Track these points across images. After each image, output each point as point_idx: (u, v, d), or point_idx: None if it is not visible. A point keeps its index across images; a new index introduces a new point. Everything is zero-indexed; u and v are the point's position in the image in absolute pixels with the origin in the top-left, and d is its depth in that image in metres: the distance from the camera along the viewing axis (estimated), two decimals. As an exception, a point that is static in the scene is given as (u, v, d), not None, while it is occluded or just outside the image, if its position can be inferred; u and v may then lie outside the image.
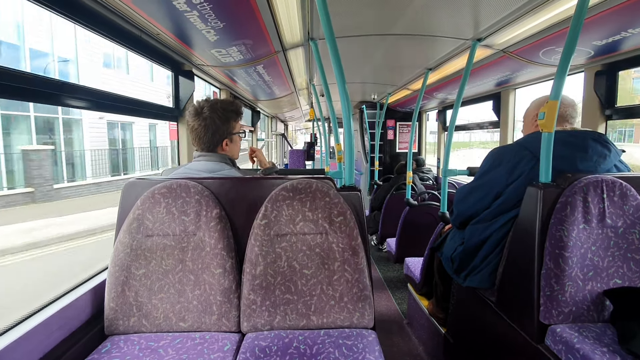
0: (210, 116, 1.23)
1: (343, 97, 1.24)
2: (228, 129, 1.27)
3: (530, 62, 1.95)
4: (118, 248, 1.08)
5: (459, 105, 2.03)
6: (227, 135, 1.27)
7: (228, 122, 1.26)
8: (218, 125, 1.24)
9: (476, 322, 1.47)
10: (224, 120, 1.25)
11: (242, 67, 2.06)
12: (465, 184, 1.52)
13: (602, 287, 1.11)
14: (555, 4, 1.31)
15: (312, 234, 1.12)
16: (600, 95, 1.86)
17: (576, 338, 1.00)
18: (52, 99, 1.08)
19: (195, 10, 1.20)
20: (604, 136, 1.26)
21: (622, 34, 1.43)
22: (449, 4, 1.43)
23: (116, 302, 1.06)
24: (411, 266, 2.23)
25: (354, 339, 1.03)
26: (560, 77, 1.12)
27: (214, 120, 1.23)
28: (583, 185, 1.11)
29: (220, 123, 1.24)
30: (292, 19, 1.54)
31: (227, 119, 1.26)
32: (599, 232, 1.12)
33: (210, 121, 1.23)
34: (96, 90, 1.27)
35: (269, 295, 1.09)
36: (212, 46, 1.61)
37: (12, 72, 0.88)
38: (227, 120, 1.26)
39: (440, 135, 4.32)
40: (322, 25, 1.17)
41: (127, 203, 1.14)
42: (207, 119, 1.23)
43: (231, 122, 1.27)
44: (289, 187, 1.13)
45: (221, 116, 1.24)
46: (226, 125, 1.26)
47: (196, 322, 1.08)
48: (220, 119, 1.24)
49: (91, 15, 1.17)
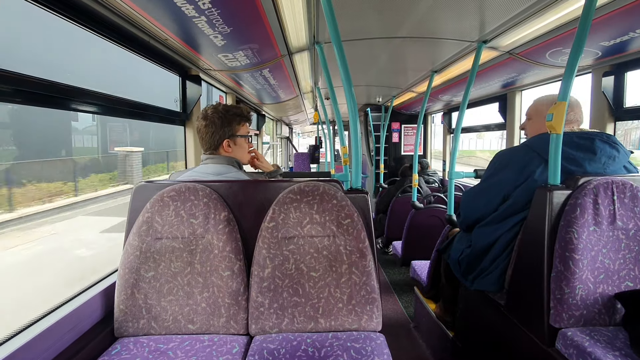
0: (211, 117, 1.27)
1: (349, 100, 1.24)
2: (230, 130, 1.30)
3: (536, 63, 1.94)
4: (128, 250, 1.09)
5: (465, 108, 2.03)
6: (228, 137, 1.30)
7: (230, 124, 1.29)
8: (218, 126, 1.27)
9: (484, 326, 1.45)
10: (224, 121, 1.28)
11: (248, 71, 2.08)
12: (473, 187, 1.51)
13: (613, 290, 1.10)
14: (561, 6, 1.30)
15: (320, 236, 1.12)
16: (608, 97, 1.84)
17: (587, 342, 0.99)
18: (59, 104, 1.09)
19: (203, 16, 1.21)
20: (612, 137, 1.25)
21: (630, 35, 1.42)
22: (454, 6, 1.43)
23: (126, 304, 1.07)
24: (418, 269, 2.22)
25: (362, 342, 1.03)
26: (568, 78, 1.11)
27: (214, 120, 1.27)
28: (593, 187, 1.10)
29: (220, 123, 1.27)
30: (298, 23, 1.55)
31: (228, 121, 1.29)
32: (609, 234, 1.11)
33: (211, 121, 1.27)
34: (103, 94, 1.28)
35: (277, 297, 1.10)
36: (219, 51, 1.63)
37: (16, 75, 0.89)
38: (229, 123, 1.29)
39: (446, 138, 4.30)
40: (329, 29, 1.18)
41: (137, 206, 1.15)
42: (207, 119, 1.27)
43: (233, 124, 1.30)
44: (297, 189, 1.14)
45: (222, 117, 1.28)
46: (228, 127, 1.29)
47: (205, 325, 1.08)
48: (221, 119, 1.27)
49: (100, 21, 1.19)
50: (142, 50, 1.51)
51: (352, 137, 1.29)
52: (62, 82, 1.06)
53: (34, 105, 1.02)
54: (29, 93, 0.94)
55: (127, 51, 1.48)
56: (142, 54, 1.54)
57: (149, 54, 1.58)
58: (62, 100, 1.08)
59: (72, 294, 1.07)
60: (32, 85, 0.94)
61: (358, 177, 1.27)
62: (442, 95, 3.34)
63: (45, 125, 9.98)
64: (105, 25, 1.23)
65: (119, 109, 1.42)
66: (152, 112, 1.70)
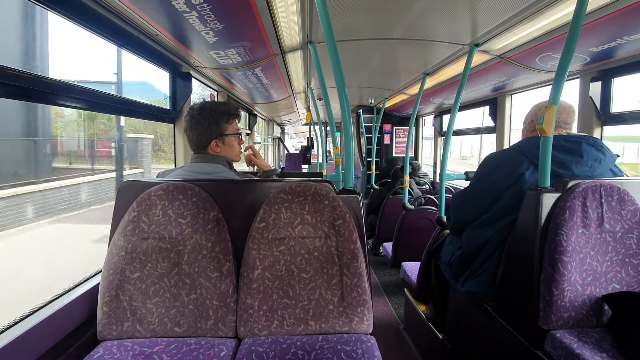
0: (197, 117, 1.23)
1: (343, 101, 1.23)
2: (217, 130, 1.25)
3: (527, 67, 1.97)
4: (112, 251, 1.06)
5: (457, 110, 2.04)
6: (217, 137, 1.26)
7: (217, 124, 1.25)
8: (204, 127, 1.23)
9: (474, 328, 1.46)
10: (212, 121, 1.23)
11: (240, 70, 2.06)
12: (463, 189, 1.52)
13: (600, 292, 1.11)
14: (552, 11, 1.32)
15: (311, 237, 1.10)
16: (596, 102, 1.88)
17: (576, 344, 1.00)
18: (47, 99, 1.06)
19: (194, 11, 1.19)
20: (598, 141, 1.27)
21: (617, 41, 1.45)
22: (447, 9, 1.44)
23: (109, 307, 1.03)
24: (408, 271, 2.22)
25: (352, 344, 1.01)
26: (558, 82, 1.12)
27: (200, 121, 1.23)
28: (582, 190, 1.12)
29: (207, 124, 1.23)
30: (291, 22, 1.54)
31: (215, 120, 1.24)
32: (597, 237, 1.13)
33: (197, 122, 1.23)
34: (92, 90, 1.25)
35: (267, 299, 1.08)
36: (210, 48, 1.60)
37: (4, 69, 0.86)
38: (217, 122, 1.24)
39: (437, 140, 4.34)
40: (323, 29, 1.17)
41: (123, 205, 1.11)
42: (193, 119, 1.23)
43: (221, 123, 1.26)
44: (288, 189, 1.12)
45: (209, 117, 1.23)
46: (215, 127, 1.24)
47: (192, 327, 1.05)
48: (207, 119, 1.23)
49: (88, 14, 1.15)
50: (131, 45, 1.47)
51: (345, 138, 1.28)
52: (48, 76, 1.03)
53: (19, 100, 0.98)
54: (14, 87, 0.90)
55: (116, 45, 1.44)
56: (132, 50, 1.51)
57: (138, 50, 1.54)
58: (48, 95, 1.05)
59: (52, 296, 1.03)
60: (17, 79, 0.91)
61: (350, 177, 1.26)
62: (433, 98, 3.37)
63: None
64: (94, 19, 1.19)
65: (107, 105, 1.38)
66: (141, 109, 1.66)
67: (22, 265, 4.72)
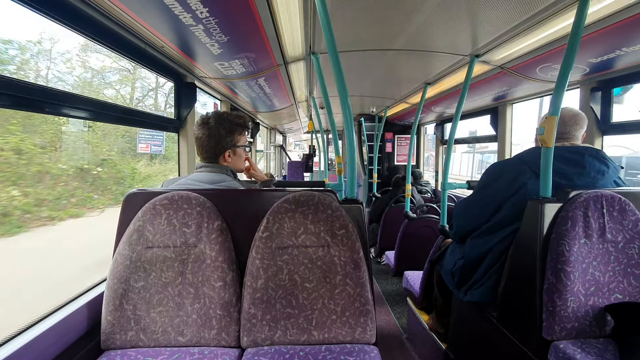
0: (215, 126, 1.25)
1: (345, 110, 1.25)
2: (232, 140, 1.28)
3: (527, 78, 1.99)
4: (117, 260, 1.06)
5: (458, 119, 2.06)
6: (230, 147, 1.28)
7: (232, 134, 1.27)
8: (222, 136, 1.25)
9: (477, 338, 1.45)
10: (228, 131, 1.26)
11: (243, 80, 2.09)
12: (465, 198, 1.52)
13: (603, 302, 1.11)
14: (551, 23, 1.34)
15: (314, 246, 1.11)
16: (596, 112, 1.89)
17: (579, 354, 0.99)
18: (51, 109, 1.08)
19: (200, 24, 1.22)
20: (601, 152, 1.28)
21: (616, 52, 1.47)
22: (448, 21, 1.47)
23: (113, 316, 1.04)
24: (410, 280, 2.21)
25: (355, 354, 1.01)
26: (558, 93, 1.14)
27: (219, 130, 1.25)
28: (583, 200, 1.12)
29: (225, 133, 1.25)
30: (294, 33, 1.57)
31: (231, 131, 1.27)
32: (599, 247, 1.13)
33: (215, 131, 1.25)
34: (97, 100, 1.27)
35: (270, 309, 1.08)
36: (215, 59, 1.63)
37: (6, 80, 0.88)
38: (232, 132, 1.27)
39: (438, 149, 4.35)
40: (325, 40, 1.19)
41: (128, 214, 1.13)
42: (211, 129, 1.25)
43: (235, 134, 1.29)
44: (291, 199, 1.13)
45: (226, 127, 1.26)
46: (230, 137, 1.27)
47: (195, 337, 1.06)
48: (225, 129, 1.25)
49: (96, 27, 1.19)
50: (137, 56, 1.50)
51: (347, 147, 1.29)
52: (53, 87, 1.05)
53: (24, 110, 1.00)
54: (19, 97, 0.92)
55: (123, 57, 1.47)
56: (137, 60, 1.54)
57: (144, 61, 1.57)
58: (52, 105, 1.07)
59: (57, 305, 1.04)
60: (22, 90, 0.93)
61: (353, 187, 1.27)
62: (435, 107, 3.39)
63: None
64: (102, 31, 1.23)
65: (111, 115, 1.40)
66: (145, 119, 1.68)
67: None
